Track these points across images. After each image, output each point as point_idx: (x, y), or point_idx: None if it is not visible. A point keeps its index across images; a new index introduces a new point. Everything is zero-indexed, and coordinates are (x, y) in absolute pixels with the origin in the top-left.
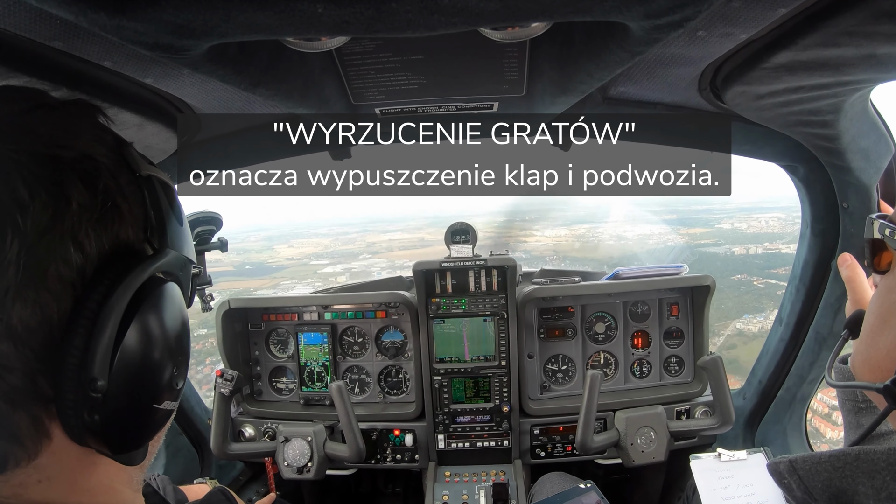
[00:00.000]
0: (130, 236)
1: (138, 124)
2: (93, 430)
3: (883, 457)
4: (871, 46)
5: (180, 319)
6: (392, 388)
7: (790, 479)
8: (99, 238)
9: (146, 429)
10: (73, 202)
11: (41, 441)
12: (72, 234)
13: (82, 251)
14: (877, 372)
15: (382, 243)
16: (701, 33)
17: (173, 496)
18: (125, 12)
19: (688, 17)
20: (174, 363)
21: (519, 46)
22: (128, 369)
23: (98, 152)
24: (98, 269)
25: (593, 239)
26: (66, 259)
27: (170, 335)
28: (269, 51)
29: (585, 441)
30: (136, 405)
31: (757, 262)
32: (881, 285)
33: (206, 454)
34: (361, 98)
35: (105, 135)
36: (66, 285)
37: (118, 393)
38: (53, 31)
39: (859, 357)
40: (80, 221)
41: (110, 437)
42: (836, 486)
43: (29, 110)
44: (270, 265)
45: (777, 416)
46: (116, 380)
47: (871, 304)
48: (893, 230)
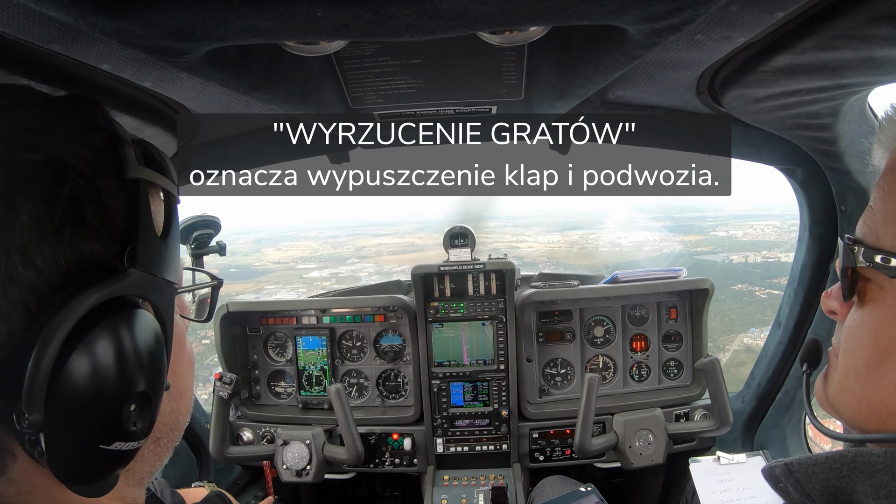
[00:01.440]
0: (97, 251)
1: (137, 127)
2: (39, 461)
3: (880, 459)
4: (869, 49)
5: (145, 349)
6: (391, 391)
7: (786, 482)
8: (55, 253)
9: (97, 468)
10: (22, 214)
11: (5, 460)
12: (20, 249)
13: (33, 267)
14: (882, 412)
15: (372, 247)
16: (699, 37)
17: (171, 500)
18: (124, 15)
19: (686, 20)
20: (131, 400)
21: (517, 50)
22: (65, 404)
23: (72, 154)
24: (55, 289)
25: (588, 245)
26: (12, 275)
27: (126, 368)
28: (268, 54)
29: (584, 444)
30: (78, 445)
31: (757, 270)
32: (872, 317)
33: (204, 458)
34: (360, 102)
35: (93, 133)
36: (14, 304)
37: (55, 429)
38: (52, 34)
39: (849, 395)
40: (31, 234)
41: (58, 471)
42: (835, 486)
43: (5, 109)
44: (256, 269)
45: (776, 419)
46: (53, 415)
47: (865, 336)
48: (887, 256)
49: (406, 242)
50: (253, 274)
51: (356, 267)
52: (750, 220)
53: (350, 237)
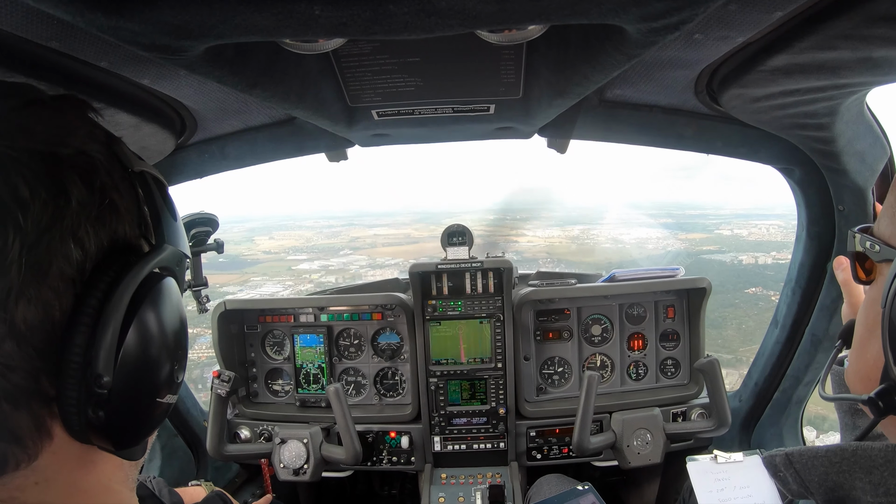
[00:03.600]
0: (127, 232)
1: (135, 125)
2: (97, 426)
3: (881, 453)
4: (868, 49)
5: (178, 314)
6: (388, 390)
7: (786, 472)
8: (98, 235)
9: (148, 423)
10: (72, 200)
11: (42, 441)
12: (72, 232)
13: (82, 248)
14: (866, 382)
15: (367, 238)
16: (697, 36)
17: (169, 498)
18: (122, 13)
19: (684, 20)
20: (174, 357)
21: (516, 49)
22: (131, 365)
23: (93, 149)
24: (97, 266)
25: (588, 241)
26: (67, 257)
27: (169, 330)
28: (267, 52)
29: (582, 443)
30: (140, 400)
31: (769, 273)
32: (867, 297)
33: (202, 456)
34: (358, 100)
35: (97, 131)
36: (67, 283)
37: (123, 388)
38: (50, 31)
39: (851, 367)
40: (80, 218)
41: (114, 432)
42: (833, 480)
43: (21, 106)
44: (245, 259)
45: (773, 418)
46: (121, 375)
47: (859, 315)
48: (874, 243)
49: (402, 234)
50: (241, 264)
51: (348, 259)
52: (752, 219)
53: (346, 227)
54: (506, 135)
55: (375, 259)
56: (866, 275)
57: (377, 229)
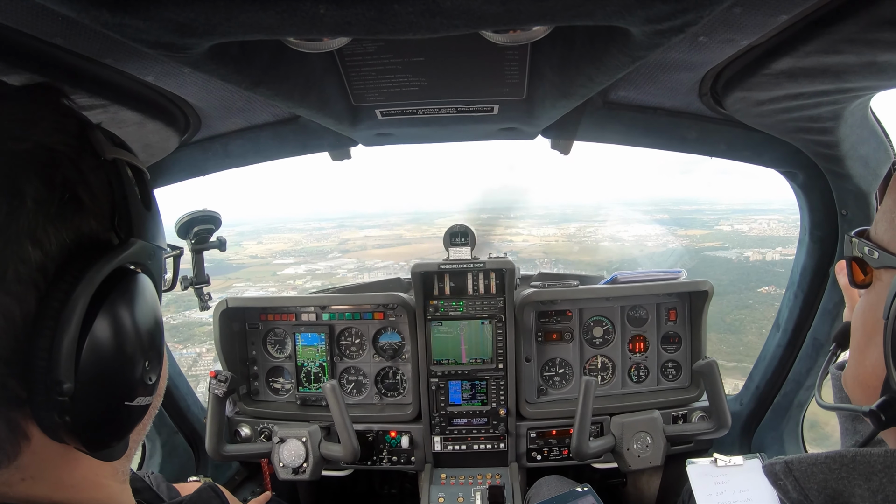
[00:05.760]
0: (94, 227)
1: (139, 122)
2: (66, 430)
3: (880, 459)
4: (872, 54)
5: (150, 311)
6: (389, 389)
7: (786, 480)
8: (59, 233)
9: (121, 426)
10: (27, 199)
11: (19, 442)
12: (29, 233)
13: (42, 249)
14: (865, 389)
15: (357, 240)
16: (702, 39)
17: (166, 493)
18: (127, 10)
19: (689, 22)
20: (145, 358)
21: (520, 50)
22: (94, 369)
23: (56, 141)
24: (61, 266)
25: (585, 239)
26: (24, 259)
27: (139, 329)
28: (271, 51)
29: (581, 447)
30: (107, 404)
31: (779, 270)
32: (863, 300)
33: (201, 453)
34: (362, 99)
35: (66, 120)
36: (27, 286)
37: (86, 394)
38: (55, 28)
39: (849, 372)
40: (38, 218)
41: (84, 436)
42: (833, 488)
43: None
44: (230, 263)
45: (774, 421)
46: (83, 380)
47: (854, 319)
48: (872, 248)
49: (393, 235)
50: (226, 269)
51: (336, 262)
52: (750, 214)
53: (336, 229)
54: (509, 135)
55: (364, 262)
56: (863, 278)
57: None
